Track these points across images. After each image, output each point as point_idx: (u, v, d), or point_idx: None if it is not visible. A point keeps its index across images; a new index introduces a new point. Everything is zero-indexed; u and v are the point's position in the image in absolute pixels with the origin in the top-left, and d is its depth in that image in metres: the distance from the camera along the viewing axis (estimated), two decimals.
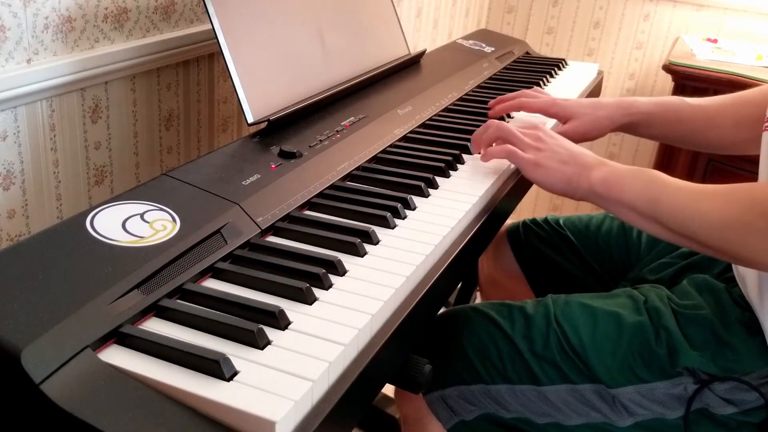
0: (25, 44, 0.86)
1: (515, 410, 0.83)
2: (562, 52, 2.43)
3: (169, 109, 1.11)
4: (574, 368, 0.81)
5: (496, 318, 0.86)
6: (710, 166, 1.96)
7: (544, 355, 0.82)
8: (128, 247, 0.62)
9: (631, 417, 0.80)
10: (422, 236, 0.74)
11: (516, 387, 0.83)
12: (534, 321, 0.85)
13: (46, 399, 0.47)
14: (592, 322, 0.82)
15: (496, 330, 0.85)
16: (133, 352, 0.53)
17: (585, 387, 0.81)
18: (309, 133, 0.92)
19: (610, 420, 0.81)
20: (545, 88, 1.36)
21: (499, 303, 0.89)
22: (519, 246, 1.16)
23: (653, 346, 0.80)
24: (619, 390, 0.80)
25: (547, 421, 0.83)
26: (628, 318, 0.82)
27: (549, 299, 0.87)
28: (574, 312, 0.84)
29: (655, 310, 0.82)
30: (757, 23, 2.18)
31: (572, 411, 0.82)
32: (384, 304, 0.62)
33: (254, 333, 0.55)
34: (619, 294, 0.88)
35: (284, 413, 0.48)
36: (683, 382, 0.78)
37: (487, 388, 0.84)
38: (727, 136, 1.01)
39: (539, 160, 0.85)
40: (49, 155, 0.92)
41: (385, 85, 1.16)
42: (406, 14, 1.86)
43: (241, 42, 0.91)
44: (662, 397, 0.79)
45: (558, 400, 0.82)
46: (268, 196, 0.75)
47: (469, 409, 0.85)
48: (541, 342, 0.83)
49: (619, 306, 0.84)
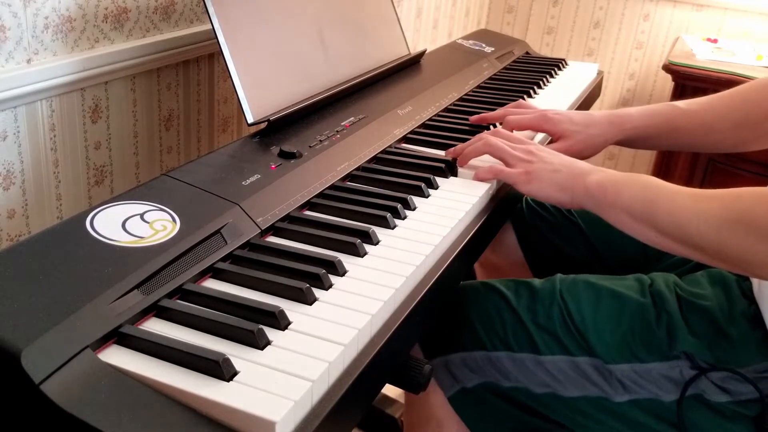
0: (25, 44, 0.86)
1: (514, 379, 0.85)
2: (562, 52, 2.43)
3: (169, 109, 1.11)
4: (573, 341, 0.82)
5: (503, 290, 0.88)
6: (710, 166, 1.96)
7: (545, 326, 0.84)
8: (128, 247, 0.62)
9: (627, 393, 0.80)
10: (422, 236, 0.74)
11: (516, 355, 0.84)
12: (539, 294, 0.86)
13: (46, 399, 0.47)
14: (596, 300, 0.83)
15: (501, 301, 0.87)
16: (133, 352, 0.53)
17: (583, 359, 0.82)
18: (309, 133, 0.92)
19: (606, 394, 0.81)
20: (545, 88, 1.36)
21: (508, 279, 0.91)
22: (523, 230, 1.12)
23: (653, 327, 0.80)
24: (615, 366, 0.80)
25: (545, 391, 0.84)
26: (632, 298, 0.83)
27: (557, 277, 0.89)
28: (579, 289, 0.85)
29: (659, 294, 0.83)
30: (757, 23, 2.18)
31: (569, 383, 0.83)
32: (384, 304, 0.62)
33: (254, 333, 0.55)
34: (627, 277, 0.88)
35: (284, 413, 0.48)
36: (679, 365, 0.78)
37: (488, 355, 0.85)
38: (729, 138, 0.99)
39: (531, 172, 0.84)
40: (49, 155, 0.92)
41: (385, 85, 1.16)
42: (406, 14, 1.86)
43: (241, 42, 0.91)
44: (657, 378, 0.79)
45: (556, 371, 0.83)
46: (268, 197, 0.75)
47: (470, 376, 0.86)
48: (544, 314, 0.84)
49: (625, 287, 0.85)
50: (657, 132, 1.01)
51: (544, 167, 0.84)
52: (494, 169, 0.87)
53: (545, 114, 1.01)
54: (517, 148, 0.88)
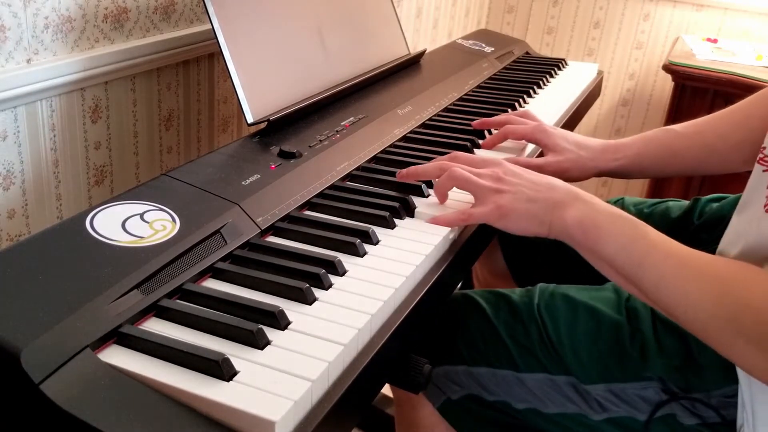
0: (25, 44, 0.86)
1: (496, 393, 0.85)
2: (562, 52, 2.43)
3: (169, 109, 1.11)
4: (551, 359, 0.82)
5: (483, 305, 0.87)
6: None
7: (524, 343, 0.84)
8: (128, 247, 0.62)
9: (604, 412, 0.81)
10: (422, 236, 0.74)
11: (497, 371, 0.84)
12: (518, 310, 0.86)
13: (45, 399, 0.47)
14: (572, 317, 0.83)
15: (481, 317, 0.87)
16: (133, 352, 0.53)
17: (561, 378, 0.82)
18: (309, 133, 0.92)
19: (584, 412, 0.82)
20: (545, 88, 1.36)
21: (488, 291, 0.90)
22: (507, 245, 1.15)
23: (627, 346, 0.80)
24: (591, 386, 0.80)
25: (526, 406, 0.84)
26: (607, 315, 0.82)
27: (537, 289, 0.88)
28: (557, 304, 0.84)
29: (635, 310, 0.82)
30: (757, 23, 2.18)
31: (549, 400, 0.83)
32: (384, 304, 0.62)
33: (254, 333, 0.55)
34: (606, 288, 0.87)
35: (284, 413, 0.48)
36: (652, 386, 0.78)
37: (469, 370, 0.85)
38: (731, 159, 0.93)
39: (503, 206, 0.75)
40: (49, 155, 0.92)
41: (385, 85, 1.16)
42: (406, 14, 1.86)
43: (241, 42, 0.91)
44: (632, 398, 0.79)
45: (536, 388, 0.83)
46: (268, 196, 0.75)
47: (454, 389, 0.86)
48: (523, 331, 0.84)
49: (601, 301, 0.84)
50: (654, 159, 0.96)
51: (516, 198, 0.75)
52: (463, 215, 0.78)
53: (541, 125, 0.99)
54: (483, 175, 0.78)
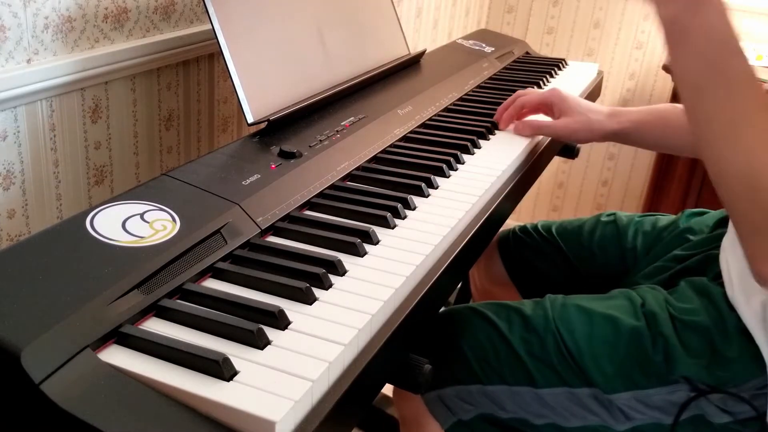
0: (25, 44, 0.86)
1: (512, 411, 0.83)
2: (562, 52, 2.43)
3: (169, 109, 1.11)
4: (570, 372, 0.81)
5: (494, 319, 0.86)
6: None
7: (541, 357, 0.82)
8: (128, 247, 0.62)
9: (629, 421, 0.79)
10: (422, 236, 0.74)
11: (513, 388, 0.83)
12: (531, 323, 0.84)
13: (45, 399, 0.47)
14: (589, 326, 0.82)
15: (493, 331, 0.85)
16: (133, 352, 0.53)
17: (582, 391, 0.80)
18: (309, 133, 0.92)
19: (607, 423, 0.80)
20: (545, 88, 1.36)
21: (497, 303, 0.89)
22: (508, 255, 1.16)
23: (650, 353, 0.79)
24: (615, 395, 0.79)
25: (545, 422, 0.82)
26: (625, 322, 0.81)
27: (547, 300, 0.87)
28: (572, 315, 0.83)
29: (653, 315, 0.81)
30: (757, 23, 2.18)
31: (570, 413, 0.81)
32: (384, 304, 0.62)
33: (254, 333, 0.55)
34: (616, 295, 0.87)
35: (284, 413, 0.48)
36: (680, 389, 0.78)
37: (484, 389, 0.84)
38: None
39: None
40: (49, 155, 0.92)
41: (385, 85, 1.16)
42: (406, 14, 1.86)
43: (241, 42, 0.91)
44: (659, 403, 0.78)
45: (555, 403, 0.81)
46: (268, 196, 0.75)
47: (467, 408, 0.85)
48: (538, 344, 0.82)
49: (617, 309, 0.83)
50: (650, 127, 1.02)
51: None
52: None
53: (556, 89, 1.07)
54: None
